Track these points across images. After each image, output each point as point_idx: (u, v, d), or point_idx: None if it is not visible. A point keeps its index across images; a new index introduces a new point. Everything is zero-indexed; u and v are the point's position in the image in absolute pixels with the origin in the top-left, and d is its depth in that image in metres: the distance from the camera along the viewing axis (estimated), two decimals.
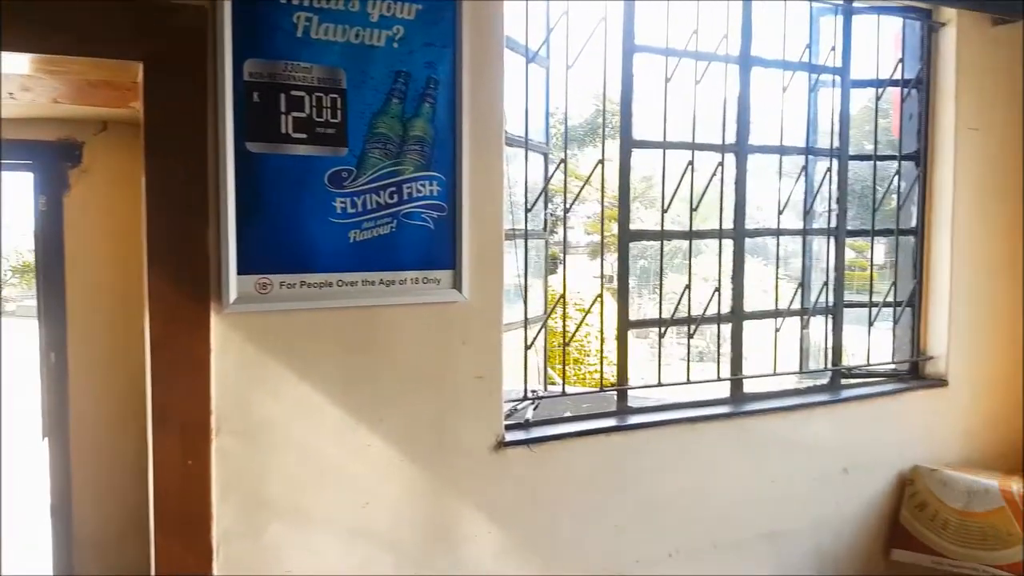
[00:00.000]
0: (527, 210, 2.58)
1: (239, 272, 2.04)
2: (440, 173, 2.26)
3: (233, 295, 2.04)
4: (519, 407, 2.67)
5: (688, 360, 2.93)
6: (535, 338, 2.65)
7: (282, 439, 2.13)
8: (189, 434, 2.04)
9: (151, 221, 2.01)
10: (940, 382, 3.38)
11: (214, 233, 2.03)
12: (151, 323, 2.02)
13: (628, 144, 2.81)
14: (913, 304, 3.44)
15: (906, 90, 3.40)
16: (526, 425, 2.60)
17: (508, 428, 2.52)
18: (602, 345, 2.95)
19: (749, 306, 3.13)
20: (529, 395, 2.68)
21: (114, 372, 3.07)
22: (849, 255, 3.71)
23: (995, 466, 3.49)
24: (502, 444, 2.44)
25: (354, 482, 2.23)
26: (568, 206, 2.78)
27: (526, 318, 2.63)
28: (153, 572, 2.06)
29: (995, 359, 3.52)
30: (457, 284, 2.30)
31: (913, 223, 3.43)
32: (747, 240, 3.11)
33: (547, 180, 2.80)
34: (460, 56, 2.26)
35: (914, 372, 3.46)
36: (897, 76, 3.36)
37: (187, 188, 2.02)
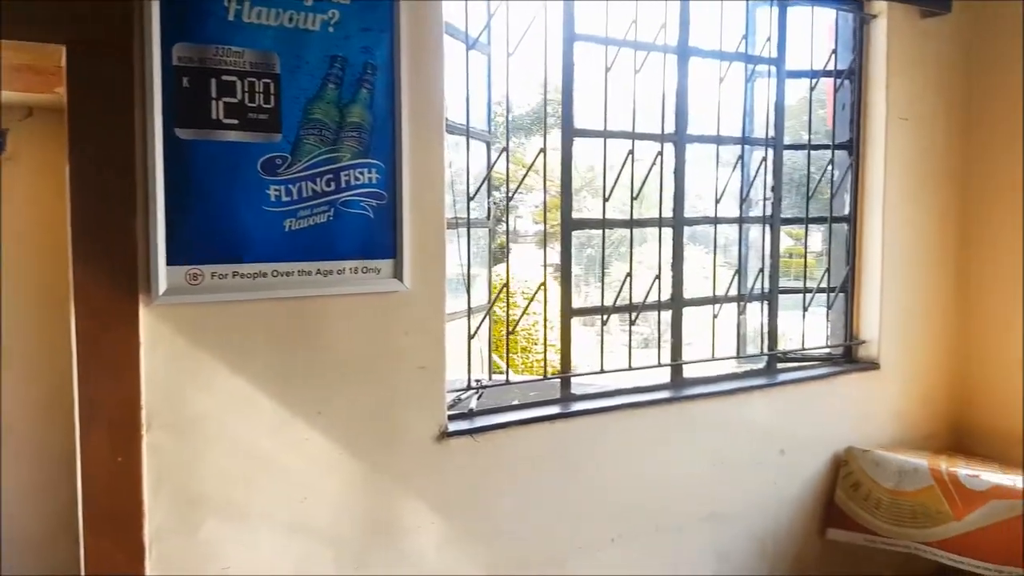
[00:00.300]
0: (469, 198, 2.57)
1: (168, 263, 1.99)
2: (379, 160, 2.22)
3: (163, 287, 1.98)
4: (463, 397, 2.66)
5: (630, 347, 2.96)
6: (478, 327, 2.64)
7: (216, 434, 2.08)
8: (118, 430, 1.98)
9: (76, 211, 1.94)
10: (872, 365, 3.49)
11: (142, 223, 1.97)
12: (77, 316, 1.95)
13: (570, 133, 2.82)
14: (846, 290, 3.54)
15: (839, 81, 3.48)
16: (470, 415, 2.60)
17: (452, 418, 2.52)
18: (545, 333, 2.96)
19: (692, 293, 3.18)
20: (473, 385, 2.67)
21: (43, 366, 2.97)
22: (788, 242, 3.80)
23: (925, 446, 3.62)
24: (445, 434, 2.43)
25: (292, 476, 2.19)
26: (510, 195, 2.77)
27: (469, 307, 2.62)
28: (83, 571, 2.00)
29: (925, 343, 3.65)
30: (398, 273, 2.27)
31: (846, 211, 3.52)
32: (691, 228, 3.15)
33: (490, 168, 2.78)
34: (398, 41, 2.23)
35: (847, 356, 3.57)
36: (831, 67, 3.44)
37: (113, 176, 1.95)
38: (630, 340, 2.96)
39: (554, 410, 2.77)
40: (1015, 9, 3.48)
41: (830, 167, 3.47)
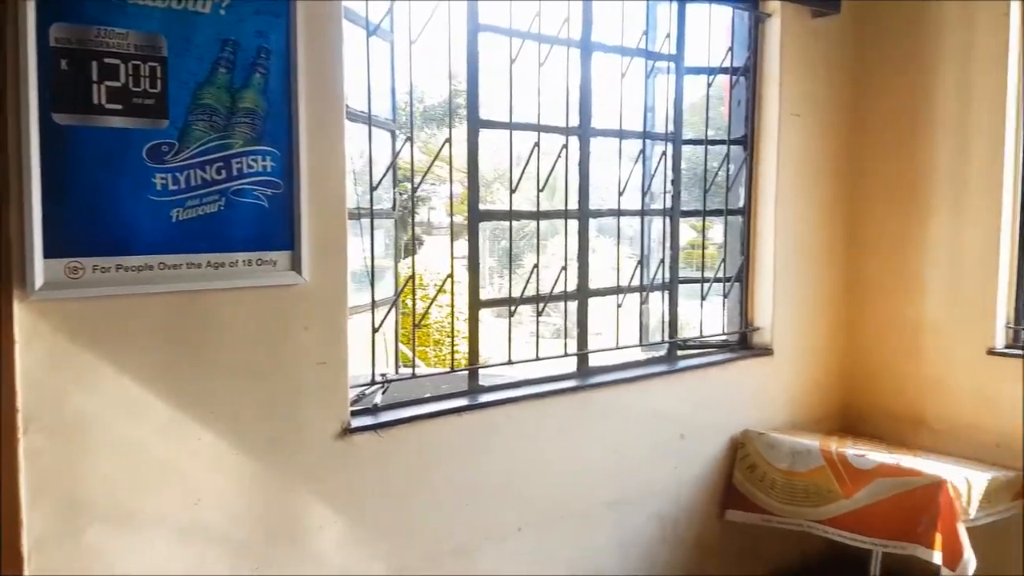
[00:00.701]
0: (372, 188, 2.52)
1: (46, 256, 1.86)
2: (274, 148, 2.15)
3: (39, 281, 1.86)
4: (367, 392, 2.62)
5: (537, 337, 2.98)
6: (383, 320, 2.60)
7: (101, 436, 1.97)
8: None
9: None
10: (766, 351, 3.64)
11: (16, 213, 1.84)
12: None
13: (476, 124, 2.81)
14: (741, 279, 3.68)
15: (735, 78, 3.60)
16: (374, 410, 2.56)
17: (355, 414, 2.47)
18: (453, 325, 2.95)
19: (600, 284, 3.23)
20: (378, 379, 2.63)
21: None
22: (692, 235, 3.92)
23: (817, 428, 3.80)
24: (348, 431, 2.39)
25: (184, 478, 2.10)
26: (416, 185, 2.74)
27: (373, 300, 2.58)
28: None
29: (815, 330, 3.83)
30: (296, 266, 2.20)
31: (741, 204, 3.65)
32: (599, 220, 3.20)
33: (394, 157, 2.74)
34: (294, 25, 2.15)
35: (743, 342, 3.71)
36: (727, 64, 3.55)
37: None
38: (537, 331, 2.99)
39: (462, 402, 2.76)
40: (901, 11, 3.67)
41: (726, 161, 3.59)
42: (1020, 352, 3.45)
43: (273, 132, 2.14)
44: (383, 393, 2.63)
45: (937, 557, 2.87)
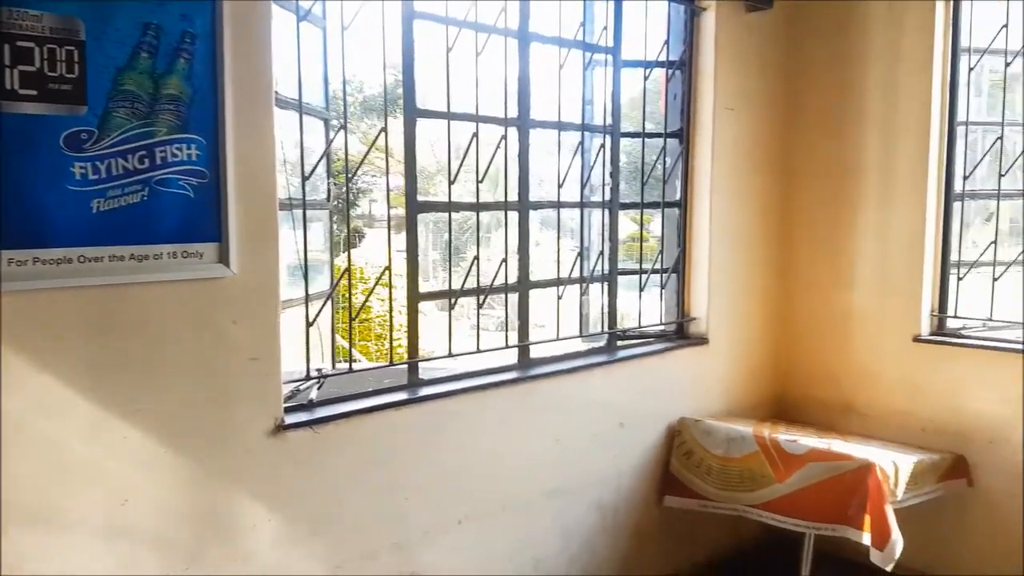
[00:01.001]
0: (304, 178, 2.46)
1: None
2: (200, 136, 2.07)
3: None
4: (302, 388, 2.57)
5: (478, 330, 2.96)
6: (318, 314, 2.55)
7: (19, 437, 1.88)
8: None
9: None
10: (702, 340, 3.70)
11: None
12: None
13: (412, 114, 2.77)
14: (678, 271, 3.73)
15: (671, 71, 3.64)
16: (310, 406, 2.50)
17: (290, 410, 2.41)
18: (391, 318, 2.91)
19: (542, 276, 3.23)
20: (313, 374, 2.58)
21: None
22: (634, 227, 3.96)
23: (751, 415, 3.89)
24: (282, 427, 2.33)
25: (110, 479, 2.02)
26: (351, 175, 2.69)
27: (307, 293, 2.52)
28: None
29: (750, 319, 3.92)
30: (224, 258, 2.13)
31: (678, 196, 3.70)
32: (544, 213, 3.19)
33: (328, 146, 2.68)
34: (220, 9, 2.08)
35: (680, 332, 3.76)
36: (664, 58, 3.58)
37: None
38: (478, 323, 2.97)
39: (401, 396, 2.73)
40: (831, 10, 3.76)
41: (662, 154, 3.62)
42: (945, 339, 3.59)
43: (199, 119, 2.07)
44: (319, 389, 2.58)
45: (866, 538, 2.96)
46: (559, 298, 3.27)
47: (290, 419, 2.37)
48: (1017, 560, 3.37)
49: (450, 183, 2.90)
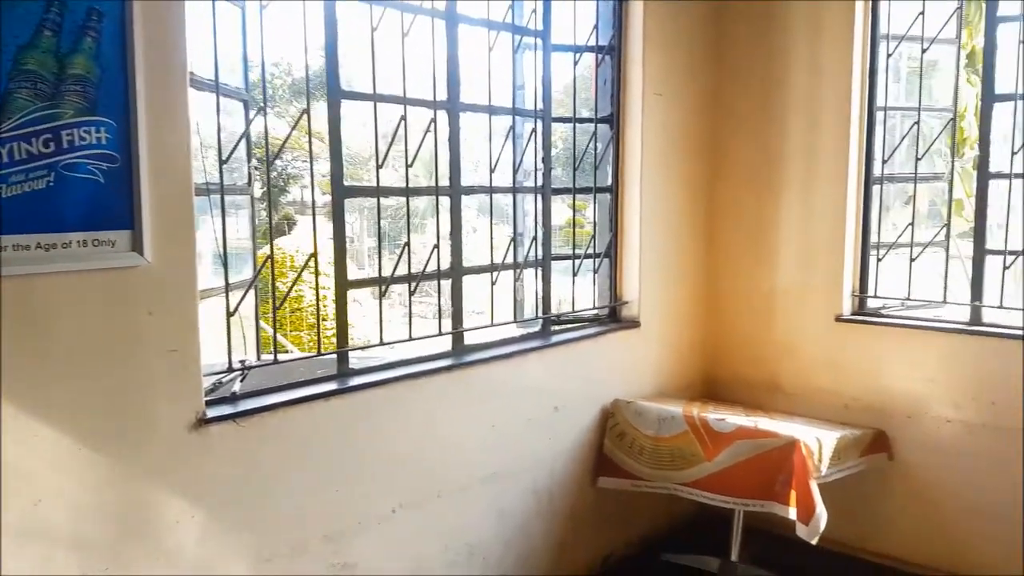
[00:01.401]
0: (221, 161, 2.37)
1: None
2: (109, 118, 1.97)
3: None
4: (224, 380, 2.49)
5: (410, 317, 2.93)
6: (239, 303, 2.47)
7: None
8: None
9: None
10: (634, 324, 3.74)
11: None
12: None
13: (337, 95, 2.70)
14: (611, 255, 3.76)
15: (601, 56, 3.64)
16: (233, 399, 2.43)
17: (212, 403, 2.34)
18: (319, 307, 2.85)
19: (476, 261, 3.21)
20: (235, 366, 2.50)
21: None
22: (569, 213, 3.96)
23: (682, 396, 3.96)
24: (203, 421, 2.25)
25: (20, 478, 1.92)
26: (271, 158, 2.60)
27: (227, 282, 2.43)
28: None
29: (679, 302, 3.98)
30: (137, 246, 2.04)
31: (610, 181, 3.72)
32: (480, 199, 3.16)
33: (247, 128, 2.59)
34: None
35: (613, 316, 3.80)
36: (593, 43, 3.58)
37: None
38: (410, 310, 2.93)
39: (330, 387, 2.67)
40: None
41: (594, 139, 3.63)
42: (865, 319, 3.72)
43: (108, 101, 1.97)
44: (242, 381, 2.50)
45: (792, 513, 3.05)
46: (493, 284, 3.25)
47: (212, 412, 2.30)
48: (934, 526, 3.54)
49: (378, 167, 2.84)
